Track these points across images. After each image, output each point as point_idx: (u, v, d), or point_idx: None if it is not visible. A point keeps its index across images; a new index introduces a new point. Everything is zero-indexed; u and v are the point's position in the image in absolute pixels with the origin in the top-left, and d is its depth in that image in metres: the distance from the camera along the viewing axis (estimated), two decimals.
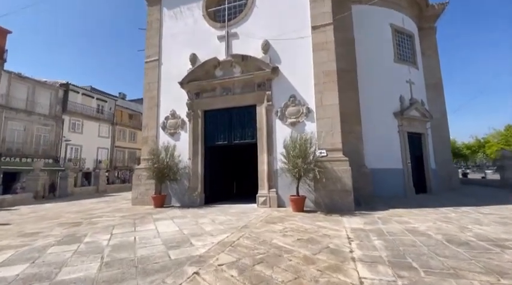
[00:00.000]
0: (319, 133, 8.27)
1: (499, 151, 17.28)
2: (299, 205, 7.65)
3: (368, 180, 10.68)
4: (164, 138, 10.40)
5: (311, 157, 7.60)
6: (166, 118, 10.62)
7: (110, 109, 29.31)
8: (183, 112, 10.29)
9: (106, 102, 28.95)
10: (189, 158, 9.87)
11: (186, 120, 10.24)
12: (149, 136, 10.75)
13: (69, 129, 24.75)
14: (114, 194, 18.15)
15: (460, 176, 20.88)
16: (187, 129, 10.17)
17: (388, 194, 10.89)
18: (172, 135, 10.43)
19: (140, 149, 13.21)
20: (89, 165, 26.06)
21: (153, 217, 7.43)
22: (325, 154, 8.18)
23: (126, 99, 38.26)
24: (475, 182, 18.83)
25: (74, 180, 23.77)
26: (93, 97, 27.58)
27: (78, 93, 26.08)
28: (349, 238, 4.72)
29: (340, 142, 8.26)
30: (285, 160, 8.03)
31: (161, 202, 9.53)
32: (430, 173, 12.85)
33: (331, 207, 7.82)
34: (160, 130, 10.69)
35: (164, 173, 9.41)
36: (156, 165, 9.38)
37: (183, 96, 10.35)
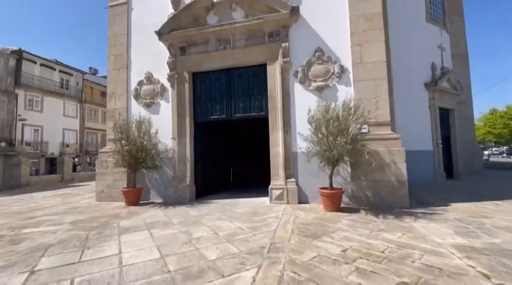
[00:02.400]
0: (357, 101, 5.90)
1: None
2: (335, 201, 5.39)
3: None
4: (138, 111, 7.61)
5: (350, 135, 5.27)
6: (140, 83, 7.78)
7: (77, 84, 25.22)
8: (163, 75, 7.49)
9: (72, 75, 24.77)
10: (173, 138, 7.24)
11: (168, 85, 7.48)
12: (117, 108, 7.91)
13: (26, 107, 20.78)
14: (81, 184, 15.16)
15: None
16: (170, 98, 7.44)
17: (416, 182, 8.97)
18: (148, 106, 7.67)
19: None
20: (54, 150, 22.43)
21: (121, 224, 4.89)
22: (366, 131, 5.88)
23: (98, 75, 33.73)
24: (496, 165, 17.24)
25: (37, 167, 20.29)
26: (54, 69, 23.35)
27: (35, 63, 21.81)
28: (486, 276, 2.51)
29: (388, 114, 5.96)
30: (313, 139, 5.65)
31: (136, 197, 6.95)
32: (458, 155, 11.10)
33: (377, 203, 5.65)
34: (132, 100, 7.87)
35: (138, 158, 6.76)
36: (126, 147, 6.69)
37: (162, 52, 7.51)
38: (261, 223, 4.64)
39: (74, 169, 19.58)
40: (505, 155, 40.04)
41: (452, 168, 10.99)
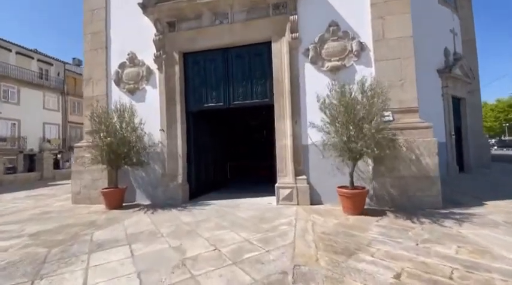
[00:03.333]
0: (378, 83, 4.99)
1: None
2: (358, 203, 4.51)
3: None
4: (120, 98, 6.50)
5: (377, 123, 4.38)
6: (122, 66, 6.65)
7: (59, 74, 23.48)
8: (148, 55, 6.39)
9: (52, 65, 23.00)
10: (162, 130, 6.19)
11: (154, 68, 6.38)
12: (95, 95, 6.77)
13: (0, 99, 19.07)
14: (62, 182, 13.87)
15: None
16: (157, 83, 6.36)
17: None
18: (132, 92, 6.57)
19: None
20: (34, 145, 20.84)
21: (95, 237, 3.88)
22: (391, 119, 5.00)
23: (82, 66, 31.78)
24: (499, 158, 16.48)
25: (15, 164, 18.77)
26: (32, 58, 21.55)
27: (10, 51, 20.00)
28: None
29: (415, 98, 5.10)
30: (328, 130, 4.74)
31: (118, 199, 5.91)
32: (469, 147, 10.46)
33: (403, 203, 4.82)
34: (113, 86, 6.74)
35: (120, 153, 5.70)
36: (106, 140, 5.61)
37: (148, 29, 6.38)
38: (273, 232, 3.71)
39: (57, 166, 18.17)
40: (496, 147, 40.52)
41: (463, 161, 10.36)
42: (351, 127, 4.37)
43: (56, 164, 18.03)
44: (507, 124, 42.10)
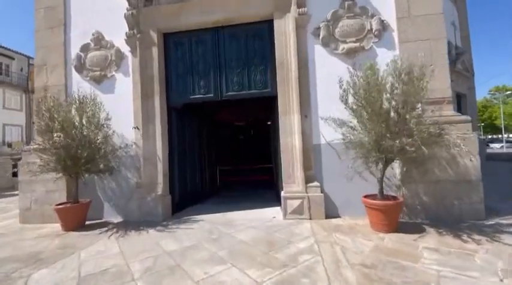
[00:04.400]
0: (411, 65, 4.08)
1: None
2: (393, 217, 3.54)
3: None
4: (82, 88, 5.15)
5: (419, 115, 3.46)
6: (85, 48, 5.33)
7: (22, 70, 21.05)
8: (119, 35, 5.12)
9: (13, 59, 20.55)
10: (136, 128, 4.94)
11: (127, 50, 5.13)
12: (50, 85, 5.38)
13: None
14: None
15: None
16: (130, 70, 5.11)
17: None
18: (98, 81, 5.26)
19: None
20: None
21: (30, 284, 2.61)
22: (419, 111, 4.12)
23: None
24: (493, 156, 16.00)
25: None
26: None
27: None
28: None
29: (448, 88, 4.27)
30: (353, 124, 3.78)
31: (78, 217, 4.59)
32: None
33: (440, 214, 3.94)
34: (73, 74, 5.39)
35: (79, 157, 4.39)
36: (60, 141, 4.30)
37: (118, 2, 5.12)
38: (292, 266, 2.65)
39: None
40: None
41: None
42: (383, 121, 3.42)
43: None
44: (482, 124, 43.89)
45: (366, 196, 3.86)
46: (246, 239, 3.47)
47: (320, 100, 4.47)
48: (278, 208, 5.14)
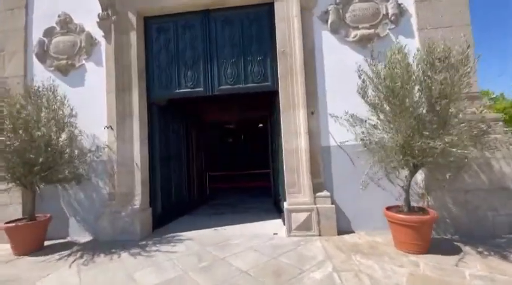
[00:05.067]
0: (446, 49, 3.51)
1: None
2: (425, 235, 2.89)
3: None
4: (45, 80, 4.25)
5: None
6: (50, 33, 4.48)
7: None
8: (90, 18, 4.31)
9: None
10: (109, 127, 4.11)
11: (99, 35, 4.32)
12: (6, 77, 4.48)
13: None
14: None
15: None
16: (103, 58, 4.29)
17: None
18: (64, 71, 4.40)
19: None
20: None
21: None
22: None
23: None
24: None
25: None
26: None
27: None
28: None
29: (475, 81, 3.72)
30: (373, 122, 3.15)
31: (34, 237, 3.69)
32: None
33: (471, 228, 3.36)
34: (35, 62, 4.50)
35: (34, 164, 3.51)
36: (11, 143, 3.44)
37: None
38: None
39: None
40: None
41: None
42: (414, 117, 2.80)
43: None
44: None
45: (388, 208, 3.22)
46: (246, 267, 2.72)
47: (329, 95, 3.83)
48: (279, 220, 4.43)
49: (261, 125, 12.74)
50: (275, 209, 5.17)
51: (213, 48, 4.24)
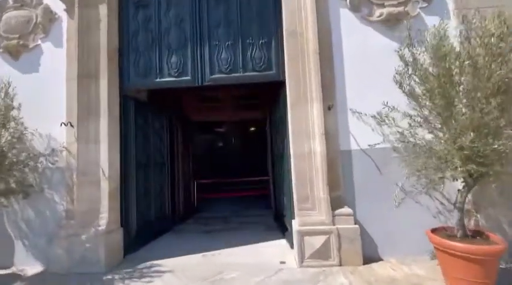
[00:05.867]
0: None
1: None
2: (493, 272, 2.14)
3: None
4: None
5: None
6: None
7: None
8: None
9: None
10: (67, 124, 3.19)
11: (60, 9, 3.41)
12: None
13: None
14: None
15: None
16: (64, 39, 3.39)
17: None
18: (15, 54, 3.45)
19: None
20: None
21: None
22: None
23: None
24: None
25: None
26: None
27: None
28: None
29: None
30: (423, 116, 2.41)
31: None
32: None
33: None
34: None
35: None
36: None
37: None
38: None
39: None
40: None
41: None
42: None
43: None
44: None
45: (434, 231, 2.47)
46: None
47: (349, 85, 3.08)
48: (283, 241, 3.61)
49: (252, 129, 11.99)
50: (277, 226, 4.35)
51: (204, 28, 3.42)
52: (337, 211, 2.87)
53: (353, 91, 3.06)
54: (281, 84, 3.33)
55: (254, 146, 9.23)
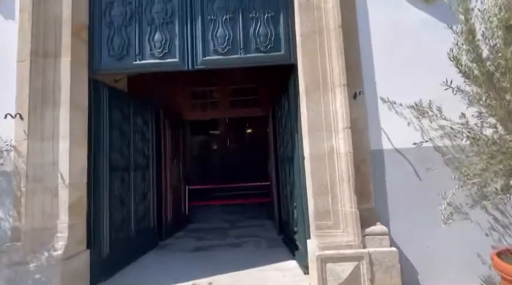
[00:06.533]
0: None
1: None
2: None
3: None
4: None
5: None
6: None
7: None
8: None
9: None
10: (15, 116, 2.46)
11: None
12: None
13: None
14: None
15: None
16: (16, 8, 2.65)
17: None
18: None
19: None
20: None
21: None
22: None
23: None
24: None
25: None
26: None
27: None
28: None
29: None
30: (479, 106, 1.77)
31: None
32: None
33: None
34: None
35: None
36: None
37: None
38: None
39: None
40: None
41: None
42: None
43: None
44: None
45: (499, 254, 1.84)
46: None
47: (379, 68, 2.45)
48: (293, 263, 2.93)
49: (249, 131, 11.34)
50: (282, 240, 3.67)
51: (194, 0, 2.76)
52: (368, 230, 2.21)
53: (384, 75, 2.43)
54: (291, 68, 2.69)
55: (252, 148, 8.58)
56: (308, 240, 2.42)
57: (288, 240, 3.35)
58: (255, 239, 3.91)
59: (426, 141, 2.22)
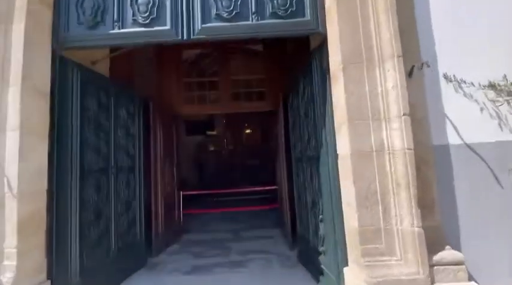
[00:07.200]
0: None
1: None
2: None
3: None
4: None
5: None
6: None
7: None
8: None
9: None
10: None
11: None
12: None
13: None
14: None
15: None
16: None
17: None
18: None
19: None
20: None
21: None
22: None
23: None
24: None
25: None
26: None
27: None
28: None
29: None
30: None
31: None
32: None
33: None
34: None
35: None
36: None
37: None
38: None
39: None
40: None
41: None
42: None
43: None
44: None
45: None
46: None
47: (440, 31, 1.83)
48: None
49: (248, 131, 10.70)
50: (298, 260, 3.01)
51: None
52: (437, 257, 1.57)
53: (447, 43, 1.81)
54: (317, 41, 2.06)
55: (253, 149, 7.97)
56: (345, 269, 1.79)
57: (308, 261, 2.69)
58: (263, 256, 3.25)
59: (499, 137, 1.60)
